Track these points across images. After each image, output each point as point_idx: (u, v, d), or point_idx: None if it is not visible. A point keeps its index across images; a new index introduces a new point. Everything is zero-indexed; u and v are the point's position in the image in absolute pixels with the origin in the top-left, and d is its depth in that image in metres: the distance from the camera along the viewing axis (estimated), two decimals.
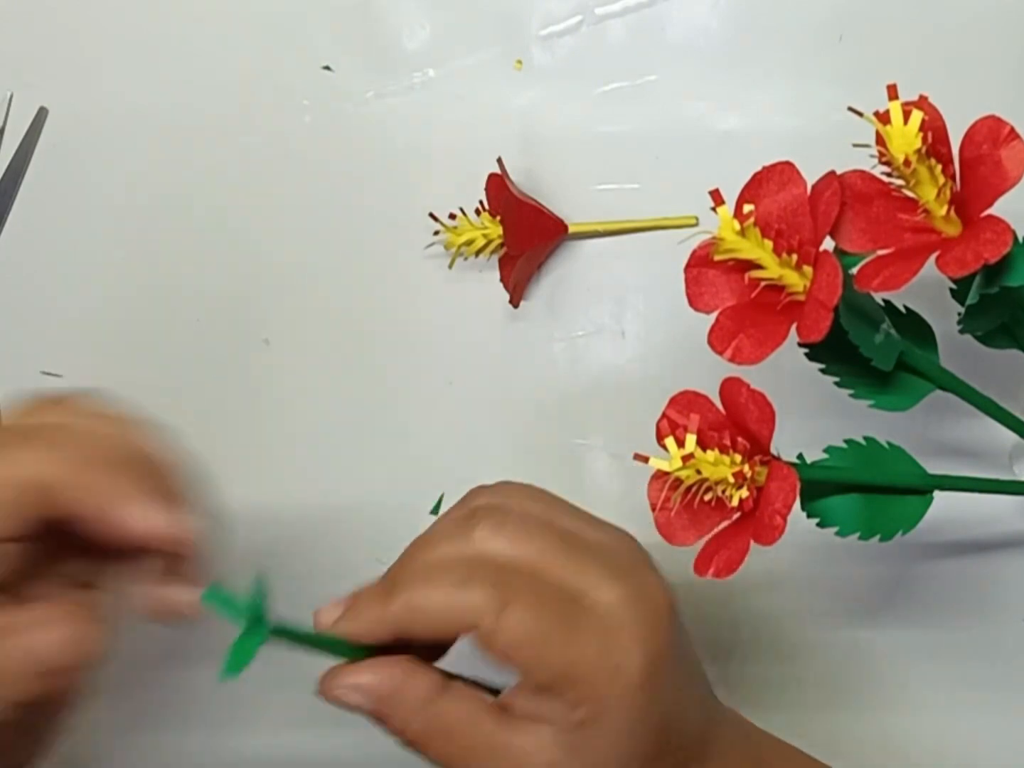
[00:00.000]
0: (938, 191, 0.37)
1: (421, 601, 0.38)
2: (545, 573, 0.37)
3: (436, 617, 0.37)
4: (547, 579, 0.37)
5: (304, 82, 0.57)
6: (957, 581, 0.53)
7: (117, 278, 0.58)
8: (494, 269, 0.54)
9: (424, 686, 0.39)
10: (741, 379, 0.38)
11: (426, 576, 0.38)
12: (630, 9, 0.55)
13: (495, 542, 0.38)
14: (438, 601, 0.37)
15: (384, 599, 0.38)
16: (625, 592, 0.37)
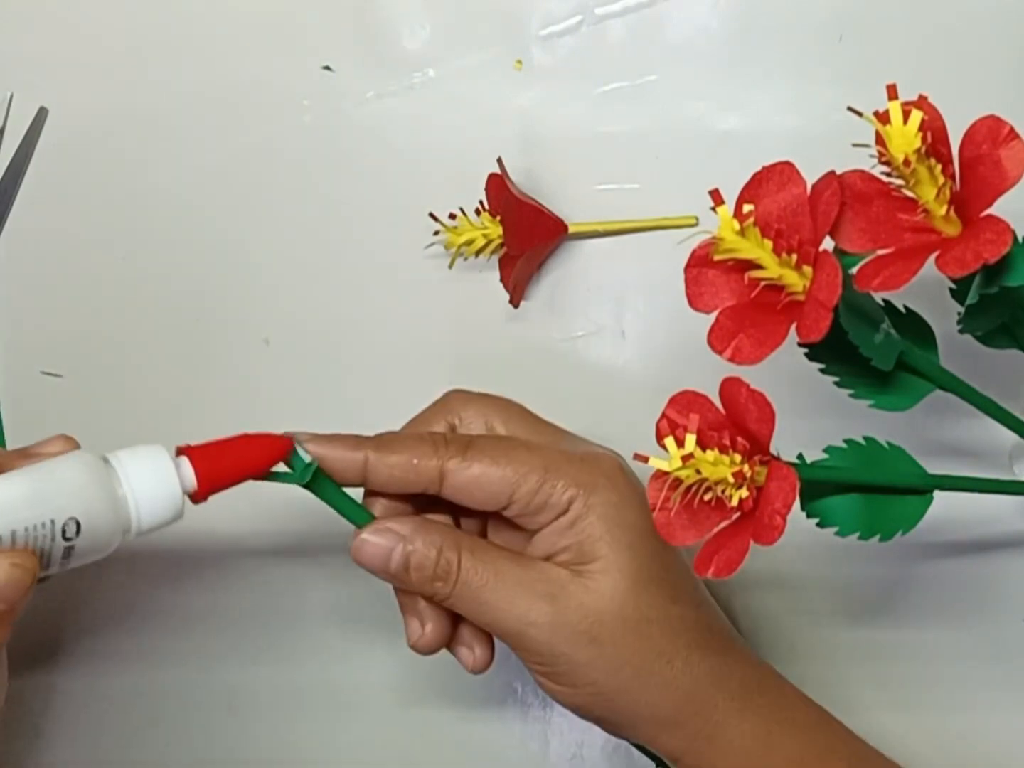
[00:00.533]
0: (938, 191, 0.37)
1: (387, 453, 0.43)
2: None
3: (402, 463, 0.43)
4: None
5: (304, 82, 0.57)
6: (957, 581, 0.53)
7: (117, 278, 0.58)
8: (494, 269, 0.55)
9: (442, 527, 0.44)
10: (741, 379, 0.38)
11: (397, 441, 0.43)
12: (630, 9, 0.55)
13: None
14: (404, 451, 0.43)
15: (355, 444, 0.43)
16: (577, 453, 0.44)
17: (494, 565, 0.43)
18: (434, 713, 0.55)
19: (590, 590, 0.42)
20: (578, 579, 0.42)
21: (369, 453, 0.43)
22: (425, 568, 0.43)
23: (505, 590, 0.42)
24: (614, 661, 0.42)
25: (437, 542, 0.43)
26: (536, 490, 0.42)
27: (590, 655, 0.42)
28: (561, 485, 0.42)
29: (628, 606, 0.42)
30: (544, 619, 0.42)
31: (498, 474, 0.42)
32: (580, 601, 0.42)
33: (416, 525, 0.43)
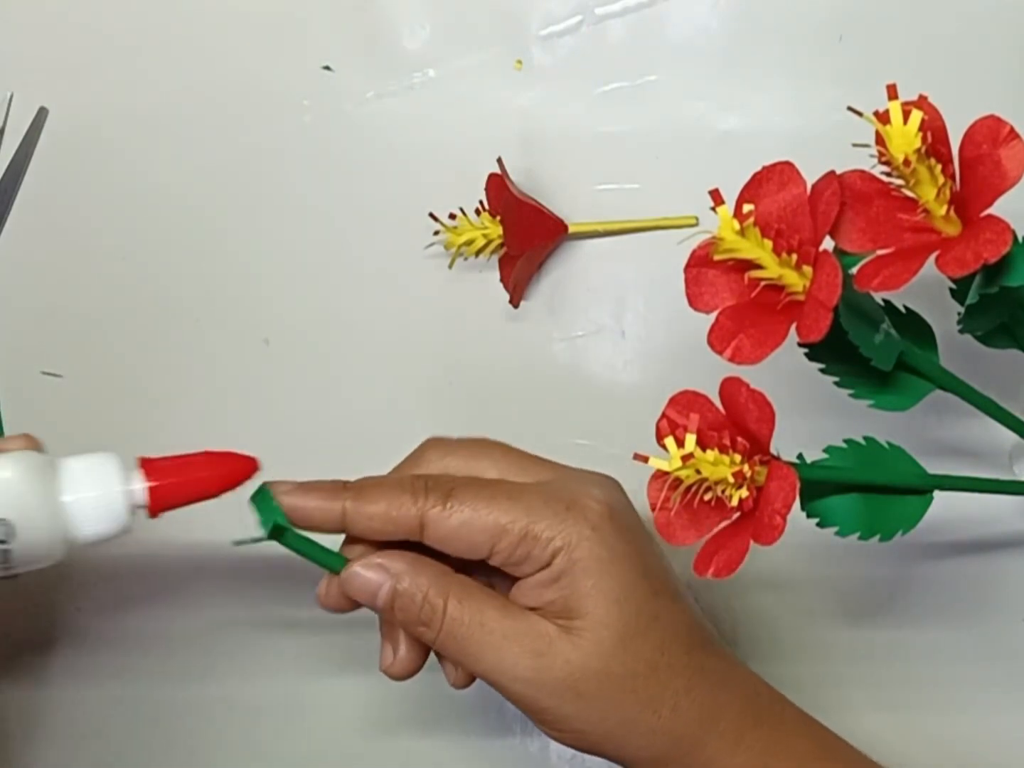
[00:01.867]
0: (938, 191, 0.37)
1: (365, 503, 0.42)
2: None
3: (380, 514, 0.42)
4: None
5: (304, 82, 0.57)
6: (957, 581, 0.53)
7: (117, 278, 0.58)
8: (494, 269, 0.55)
9: (434, 564, 0.43)
10: (741, 379, 0.38)
11: (375, 490, 0.42)
12: (630, 9, 0.55)
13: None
14: (382, 500, 0.42)
15: (332, 494, 0.42)
16: (560, 479, 0.43)
17: (481, 616, 0.42)
18: (434, 713, 0.55)
19: (576, 647, 0.41)
20: (565, 635, 0.41)
21: (347, 504, 0.42)
22: (410, 611, 0.42)
23: (491, 643, 0.42)
24: (599, 713, 0.42)
25: (424, 586, 0.42)
26: (518, 542, 0.41)
27: (575, 708, 0.42)
28: (545, 538, 0.41)
29: (615, 662, 0.41)
30: (529, 675, 0.41)
31: (479, 524, 0.41)
32: (567, 658, 0.41)
33: (407, 564, 0.42)
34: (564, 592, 0.41)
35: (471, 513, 0.41)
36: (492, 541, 0.41)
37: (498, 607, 0.42)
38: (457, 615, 0.42)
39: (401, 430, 0.55)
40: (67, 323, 0.58)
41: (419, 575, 0.42)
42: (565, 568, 0.41)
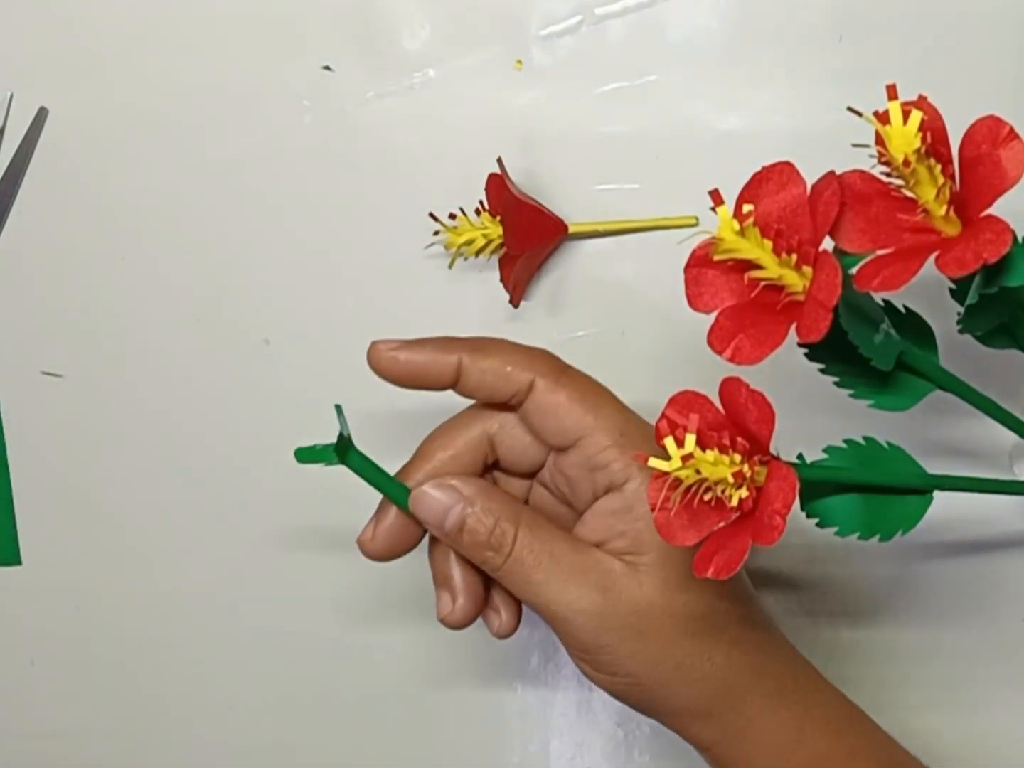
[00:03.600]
0: (937, 191, 0.37)
1: (480, 356, 0.42)
2: None
3: (495, 368, 0.42)
4: None
5: (304, 82, 0.57)
6: (957, 581, 0.53)
7: (117, 278, 0.58)
8: (494, 269, 0.55)
9: (505, 496, 0.43)
10: (741, 379, 0.38)
11: (491, 347, 0.43)
12: (630, 9, 0.55)
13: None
14: (498, 356, 0.42)
15: (446, 347, 0.43)
16: None
17: (550, 545, 0.42)
18: (433, 713, 0.55)
19: (642, 584, 0.42)
20: (632, 572, 0.42)
21: (463, 356, 0.42)
22: (479, 534, 0.42)
23: (558, 574, 0.42)
24: (657, 655, 0.42)
25: (496, 511, 0.42)
26: (603, 447, 0.42)
27: (634, 648, 0.42)
28: (628, 457, 0.42)
29: (677, 602, 0.42)
30: (593, 609, 0.41)
31: (577, 411, 0.42)
32: (631, 595, 0.41)
33: (479, 489, 0.43)
34: (636, 525, 0.42)
35: (576, 397, 0.42)
36: (581, 433, 0.42)
37: (567, 539, 0.43)
38: (528, 542, 0.42)
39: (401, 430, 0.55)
40: (67, 323, 0.58)
41: (491, 499, 0.42)
42: (640, 496, 0.42)
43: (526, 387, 0.42)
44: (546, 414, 0.42)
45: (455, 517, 0.42)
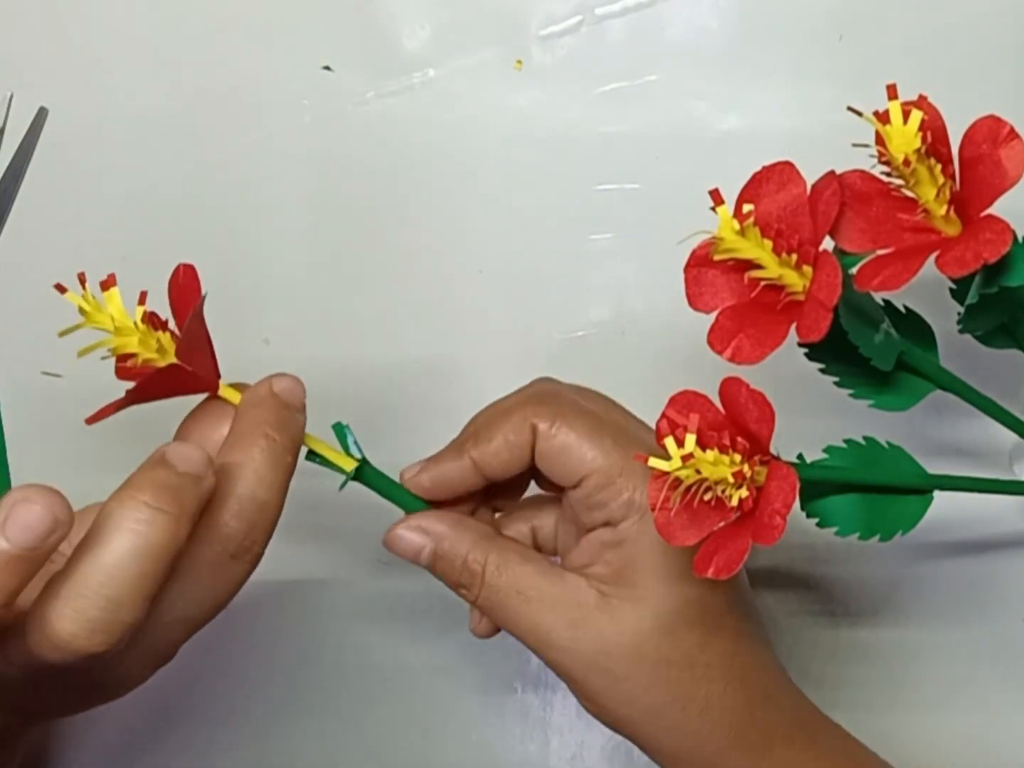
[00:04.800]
0: (938, 191, 0.37)
1: (484, 444, 0.43)
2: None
3: (500, 447, 0.43)
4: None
5: (304, 82, 0.57)
6: (957, 581, 0.53)
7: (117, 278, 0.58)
8: None
9: (478, 526, 0.44)
10: (741, 379, 0.38)
11: (487, 428, 0.43)
12: (630, 9, 0.55)
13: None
14: (497, 432, 0.43)
15: (456, 453, 0.43)
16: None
17: (520, 581, 0.42)
18: (433, 713, 0.55)
19: (614, 620, 0.41)
20: (604, 605, 0.41)
21: (471, 453, 0.43)
22: (450, 573, 0.43)
23: (527, 609, 0.42)
24: (626, 694, 0.41)
25: (463, 550, 0.43)
26: (602, 488, 0.42)
27: (602, 685, 0.41)
28: (626, 496, 0.42)
29: (649, 645, 0.41)
30: (563, 643, 0.41)
31: (576, 454, 0.42)
32: (600, 631, 0.41)
33: (450, 525, 0.43)
34: (623, 560, 0.42)
35: (574, 439, 0.42)
36: (583, 473, 0.42)
37: (538, 572, 0.42)
38: (494, 581, 0.42)
39: (401, 430, 0.56)
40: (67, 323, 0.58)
41: (460, 539, 0.43)
42: (632, 536, 0.41)
43: (533, 439, 0.43)
44: (550, 458, 0.42)
45: (427, 555, 0.43)
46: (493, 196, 0.56)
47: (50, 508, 0.32)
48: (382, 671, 0.55)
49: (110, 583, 0.33)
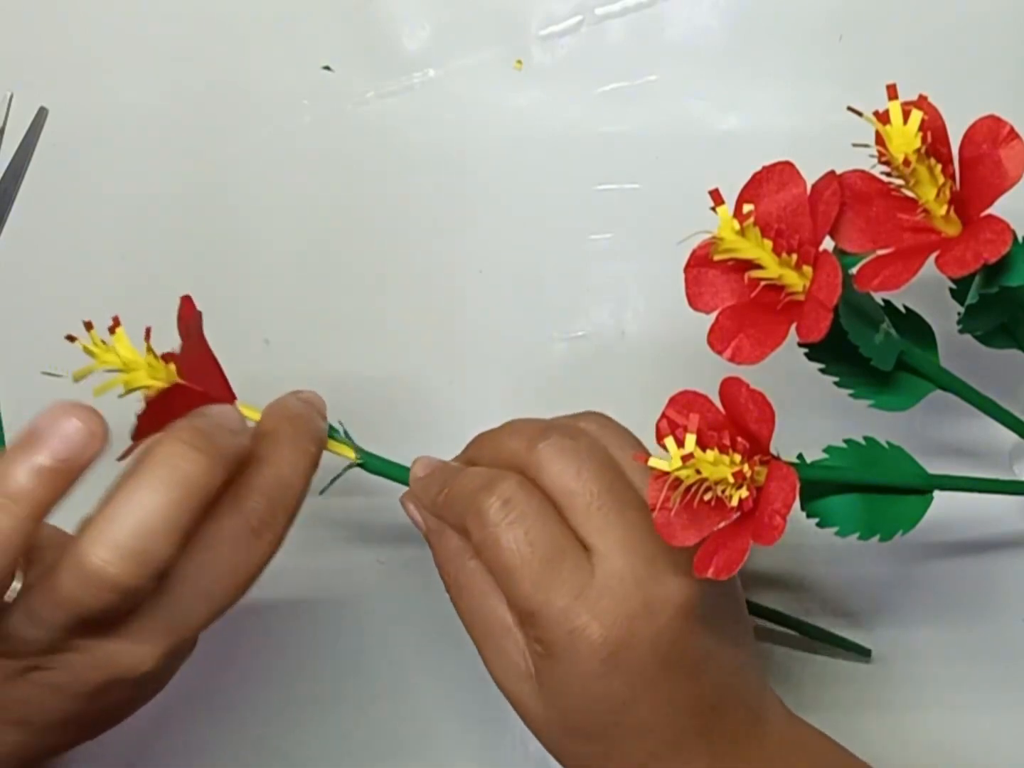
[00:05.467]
0: (938, 191, 0.37)
1: (457, 491, 0.43)
2: (573, 512, 0.41)
3: (458, 509, 0.42)
4: (570, 518, 0.41)
5: (304, 82, 0.57)
6: (957, 581, 0.53)
7: (117, 278, 0.58)
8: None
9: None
10: (741, 379, 0.38)
11: (472, 470, 0.43)
12: (630, 9, 0.55)
13: (549, 463, 0.42)
14: (465, 495, 0.42)
15: (440, 483, 0.44)
16: (631, 573, 0.40)
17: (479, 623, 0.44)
18: (433, 713, 0.55)
19: (535, 695, 0.43)
20: (529, 680, 0.43)
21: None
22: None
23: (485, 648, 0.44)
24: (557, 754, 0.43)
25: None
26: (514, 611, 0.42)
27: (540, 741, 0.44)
28: (531, 632, 0.42)
29: (554, 714, 0.42)
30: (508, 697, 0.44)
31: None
32: (524, 706, 0.43)
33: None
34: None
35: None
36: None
37: (493, 620, 0.43)
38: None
39: (402, 430, 0.55)
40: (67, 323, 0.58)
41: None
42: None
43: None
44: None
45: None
46: (493, 196, 0.56)
47: (88, 422, 0.35)
48: (381, 671, 0.55)
49: (142, 509, 0.35)
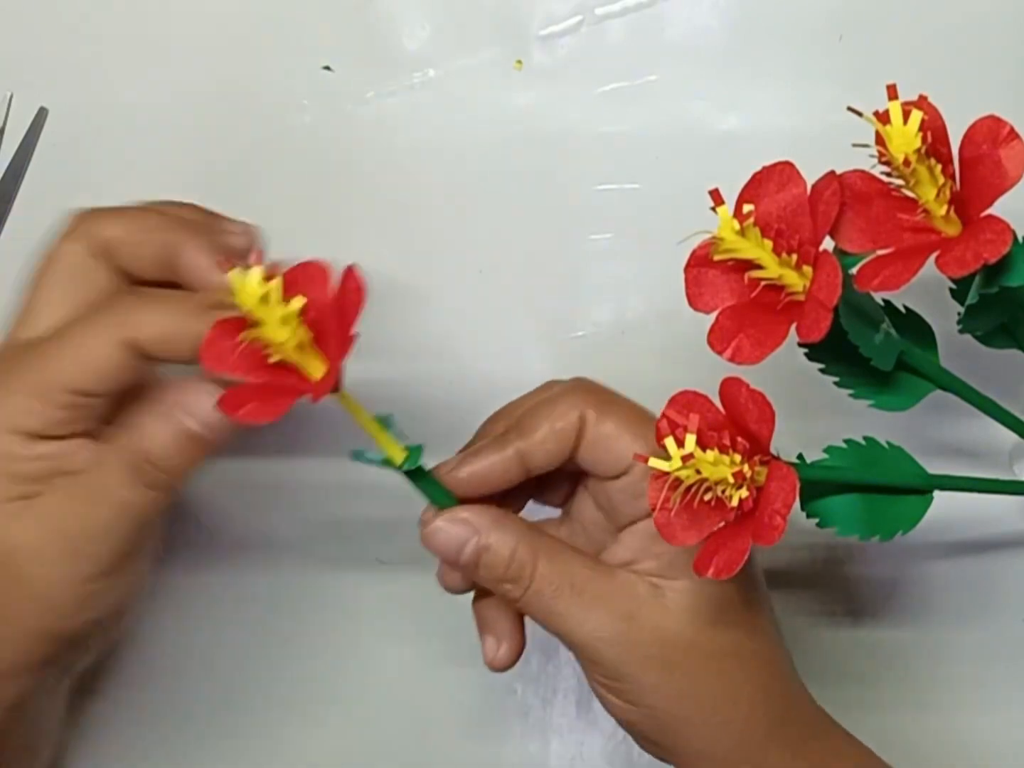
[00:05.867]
0: (938, 191, 0.37)
1: (530, 433, 0.41)
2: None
3: (547, 437, 0.41)
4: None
5: (304, 82, 0.57)
6: (957, 581, 0.53)
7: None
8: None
9: (520, 520, 0.42)
10: (741, 379, 0.38)
11: (531, 417, 0.42)
12: (630, 9, 0.56)
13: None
14: (546, 421, 0.41)
15: (499, 445, 0.42)
16: None
17: (571, 574, 0.41)
18: (433, 713, 0.55)
19: (669, 612, 0.40)
20: (658, 598, 0.40)
21: (517, 444, 0.41)
22: (495, 568, 0.41)
23: (579, 602, 0.40)
24: (681, 690, 0.40)
25: (511, 542, 0.41)
26: (648, 473, 0.40)
27: (657, 680, 0.40)
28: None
29: (705, 636, 0.40)
30: (616, 637, 0.40)
31: (627, 439, 0.41)
32: (657, 623, 0.40)
33: (494, 519, 0.41)
34: (672, 548, 0.40)
35: (623, 426, 0.41)
36: (630, 462, 0.41)
37: (588, 566, 0.41)
38: (547, 572, 0.41)
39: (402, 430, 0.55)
40: None
41: (507, 531, 0.41)
42: None
43: (580, 427, 0.41)
44: (596, 446, 0.41)
45: (471, 551, 0.41)
46: (493, 196, 0.56)
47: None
48: (381, 671, 0.55)
49: None
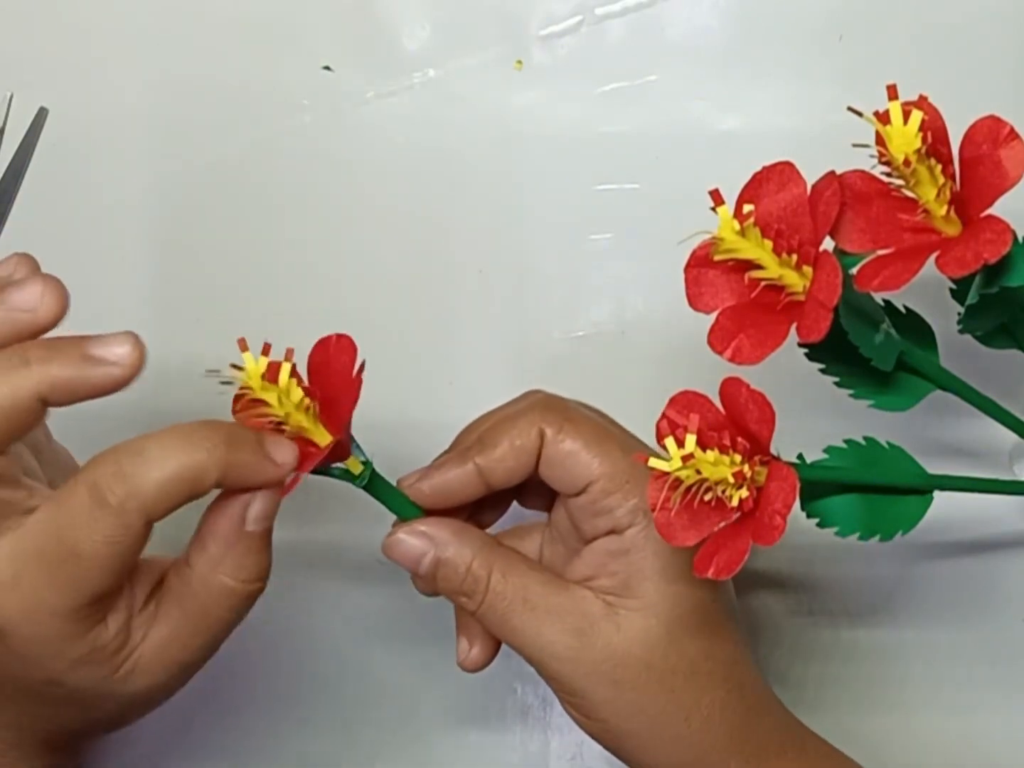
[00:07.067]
0: (938, 191, 0.37)
1: (490, 450, 0.42)
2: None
3: (506, 453, 0.42)
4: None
5: (304, 82, 0.57)
6: (957, 581, 0.53)
7: (117, 279, 0.58)
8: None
9: (480, 533, 0.43)
10: (741, 379, 0.38)
11: (492, 434, 0.43)
12: (630, 9, 0.55)
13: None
14: (504, 437, 0.42)
15: (460, 459, 0.43)
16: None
17: (524, 590, 0.41)
18: (433, 713, 0.55)
19: (621, 630, 0.41)
20: (611, 616, 0.41)
21: (476, 459, 0.42)
22: (452, 580, 0.42)
23: (532, 618, 0.41)
24: (631, 706, 0.41)
25: (468, 556, 0.42)
26: (608, 494, 0.41)
27: (607, 695, 0.41)
28: (633, 502, 0.41)
29: (656, 654, 0.41)
30: (568, 653, 0.41)
31: (585, 458, 0.41)
32: (608, 640, 0.41)
33: (453, 532, 0.42)
34: (629, 569, 0.41)
35: (581, 444, 0.42)
36: (589, 479, 0.41)
37: (543, 581, 0.42)
38: (500, 589, 0.41)
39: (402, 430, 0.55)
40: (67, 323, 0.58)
41: (463, 545, 0.42)
42: (637, 543, 0.41)
43: (540, 444, 0.42)
44: (554, 464, 0.42)
45: (428, 563, 0.42)
46: (493, 196, 0.56)
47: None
48: (381, 671, 0.55)
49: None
